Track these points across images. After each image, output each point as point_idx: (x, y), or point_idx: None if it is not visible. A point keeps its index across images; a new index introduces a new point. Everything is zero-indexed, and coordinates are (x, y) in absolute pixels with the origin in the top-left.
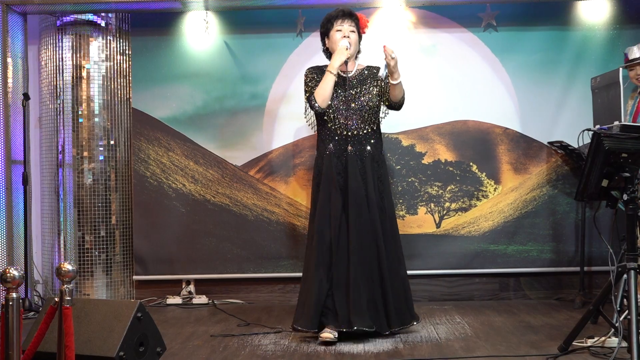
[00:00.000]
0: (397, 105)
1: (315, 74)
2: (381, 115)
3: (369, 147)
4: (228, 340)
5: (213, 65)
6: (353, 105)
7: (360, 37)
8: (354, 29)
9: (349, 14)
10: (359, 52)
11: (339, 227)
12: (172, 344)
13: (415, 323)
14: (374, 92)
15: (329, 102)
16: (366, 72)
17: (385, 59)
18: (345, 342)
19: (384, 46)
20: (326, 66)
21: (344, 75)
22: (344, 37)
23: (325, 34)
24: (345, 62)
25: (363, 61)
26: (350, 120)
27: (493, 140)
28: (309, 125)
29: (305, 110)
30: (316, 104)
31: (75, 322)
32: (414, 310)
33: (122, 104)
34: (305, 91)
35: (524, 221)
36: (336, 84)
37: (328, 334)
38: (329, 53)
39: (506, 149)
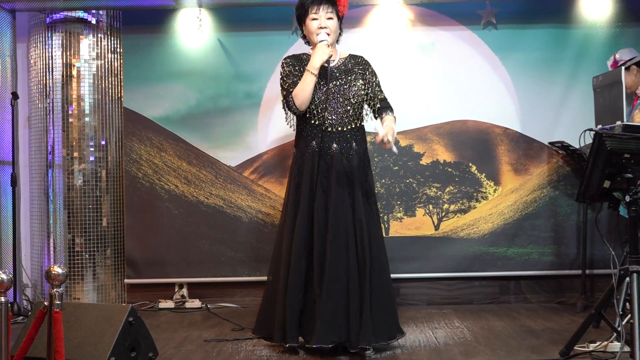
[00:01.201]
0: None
1: (292, 66)
2: (364, 113)
3: (355, 145)
4: (222, 345)
5: (207, 63)
6: (337, 98)
7: (340, 20)
8: (332, 15)
9: None
10: (340, 34)
11: (321, 231)
12: (164, 349)
13: (394, 341)
14: (359, 84)
15: (309, 104)
16: (350, 62)
17: (383, 145)
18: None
19: (383, 143)
20: (305, 55)
21: (326, 65)
22: (321, 27)
23: (300, 19)
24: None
25: (349, 50)
26: (333, 115)
27: (493, 140)
28: (287, 123)
29: (284, 107)
30: (294, 107)
31: (65, 326)
32: (398, 324)
33: (114, 103)
34: (282, 88)
35: (524, 223)
36: (318, 74)
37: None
38: (307, 39)
39: (506, 149)
